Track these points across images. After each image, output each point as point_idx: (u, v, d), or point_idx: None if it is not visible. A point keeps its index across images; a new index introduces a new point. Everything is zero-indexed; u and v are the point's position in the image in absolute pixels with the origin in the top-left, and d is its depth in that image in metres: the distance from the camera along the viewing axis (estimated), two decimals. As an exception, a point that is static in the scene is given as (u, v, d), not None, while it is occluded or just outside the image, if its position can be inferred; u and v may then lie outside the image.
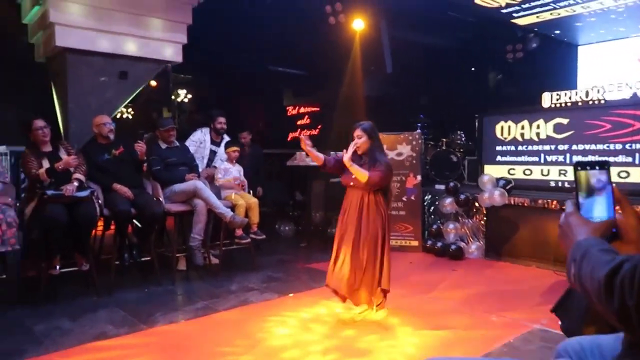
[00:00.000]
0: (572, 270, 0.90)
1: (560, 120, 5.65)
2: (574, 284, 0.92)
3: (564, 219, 1.01)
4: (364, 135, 3.41)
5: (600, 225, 0.96)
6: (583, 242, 0.92)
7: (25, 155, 3.96)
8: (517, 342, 3.08)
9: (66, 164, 3.88)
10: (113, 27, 5.34)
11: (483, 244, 5.52)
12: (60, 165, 3.85)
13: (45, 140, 4.04)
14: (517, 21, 6.91)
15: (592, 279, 0.83)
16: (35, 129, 3.98)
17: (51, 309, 3.64)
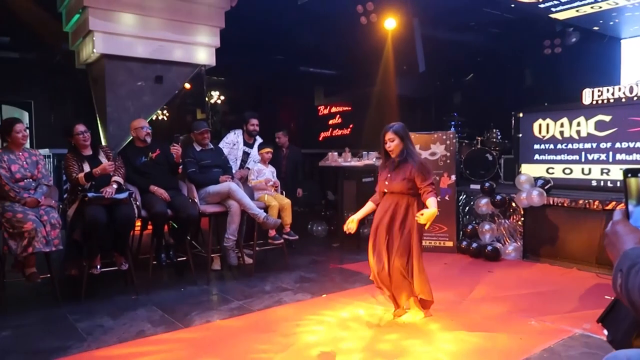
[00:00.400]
0: (619, 281, 0.87)
1: (602, 117, 5.44)
2: (619, 295, 0.88)
3: (610, 227, 0.97)
4: (396, 137, 3.35)
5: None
6: (631, 253, 0.88)
7: (67, 159, 4.11)
8: (557, 347, 2.99)
9: (102, 170, 4.00)
10: (149, 33, 5.46)
11: (521, 244, 5.37)
12: (97, 171, 3.98)
13: (86, 144, 4.17)
14: (555, 16, 6.69)
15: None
16: (76, 133, 4.12)
17: (93, 307, 3.76)
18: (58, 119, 8.59)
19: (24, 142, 3.93)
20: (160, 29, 5.53)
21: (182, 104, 7.96)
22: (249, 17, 6.76)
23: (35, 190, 3.83)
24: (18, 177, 3.77)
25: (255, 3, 6.22)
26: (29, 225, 3.55)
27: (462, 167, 6.95)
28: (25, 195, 3.74)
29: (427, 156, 5.78)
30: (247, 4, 6.16)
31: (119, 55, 5.36)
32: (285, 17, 6.97)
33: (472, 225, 5.69)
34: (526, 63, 8.81)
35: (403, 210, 3.34)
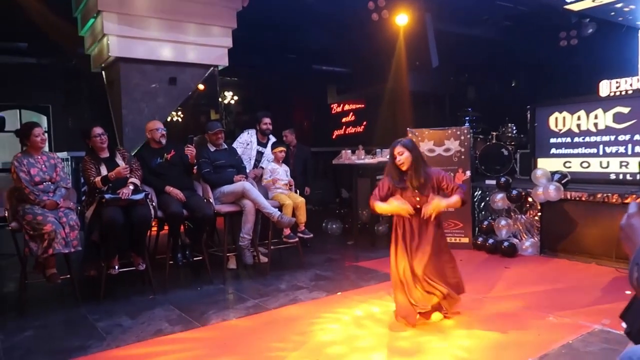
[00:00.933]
0: (635, 275, 0.85)
1: (620, 109, 5.35)
2: (636, 289, 0.87)
3: (626, 221, 0.95)
4: (405, 151, 3.31)
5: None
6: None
7: (85, 162, 4.17)
8: (576, 343, 2.95)
9: (117, 173, 4.05)
10: (162, 35, 5.52)
11: (538, 240, 5.31)
12: (112, 174, 4.03)
13: (103, 146, 4.23)
14: (571, 7, 6.58)
15: None
16: (94, 135, 4.18)
17: (111, 307, 3.82)
18: (75, 122, 8.74)
19: (42, 145, 4.00)
20: (173, 31, 5.58)
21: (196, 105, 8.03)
22: (261, 17, 6.79)
23: (54, 193, 3.91)
24: (37, 180, 3.84)
25: (266, 2, 6.24)
26: (49, 227, 3.62)
27: (477, 163, 6.89)
28: (44, 197, 3.82)
29: (441, 152, 5.74)
30: (259, 4, 6.19)
31: (133, 58, 5.43)
32: (297, 16, 6.99)
33: (487, 221, 5.64)
34: (541, 56, 8.69)
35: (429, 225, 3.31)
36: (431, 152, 5.79)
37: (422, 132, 5.86)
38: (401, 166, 3.32)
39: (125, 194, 3.96)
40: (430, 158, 5.79)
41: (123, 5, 5.28)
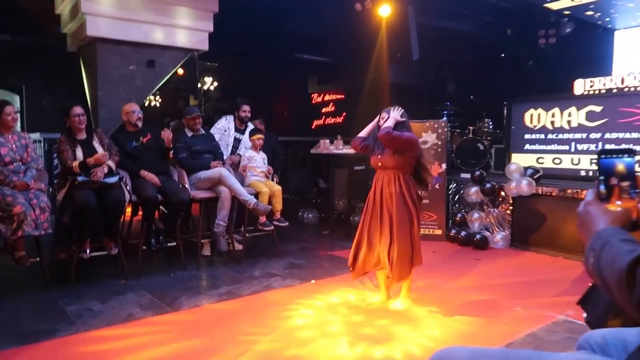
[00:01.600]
0: (591, 260, 0.89)
1: (593, 107, 5.48)
2: (592, 274, 0.90)
3: (583, 208, 0.99)
4: (387, 116, 3.39)
5: (620, 214, 0.94)
6: (603, 232, 0.90)
7: (60, 143, 4.08)
8: (540, 332, 3.04)
9: (96, 160, 3.99)
10: (141, 16, 5.41)
11: (509, 233, 5.43)
12: (90, 160, 3.97)
13: (81, 127, 4.16)
14: (550, 5, 6.69)
15: (612, 269, 0.81)
16: (73, 115, 4.10)
17: (82, 291, 3.77)
18: (49, 103, 8.52)
19: (13, 124, 3.91)
20: (153, 13, 5.48)
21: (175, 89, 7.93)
22: (243, 2, 6.71)
23: (24, 174, 3.83)
24: (7, 160, 3.76)
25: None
26: (18, 209, 3.54)
27: (454, 156, 6.98)
28: (14, 178, 3.73)
29: (418, 145, 5.80)
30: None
31: (110, 39, 5.31)
32: (280, 3, 6.93)
33: (461, 214, 5.74)
34: (520, 53, 8.81)
35: (400, 186, 3.34)
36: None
37: (401, 124, 5.90)
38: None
39: (98, 175, 3.90)
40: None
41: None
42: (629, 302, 0.77)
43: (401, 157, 3.35)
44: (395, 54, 7.43)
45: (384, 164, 3.40)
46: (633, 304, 0.76)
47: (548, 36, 8.04)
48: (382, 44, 7.34)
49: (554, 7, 6.78)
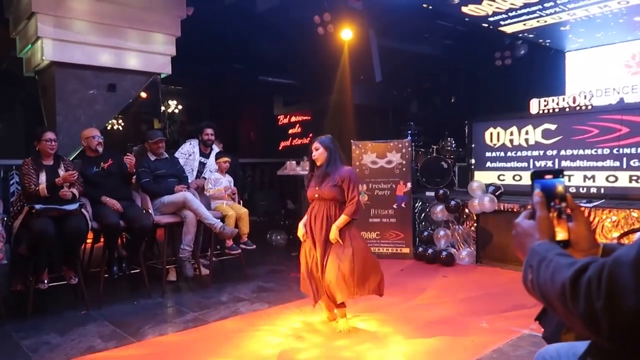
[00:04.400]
0: (529, 277, 0.90)
1: (548, 126, 5.69)
2: (531, 291, 0.92)
3: (516, 229, 1.02)
4: (321, 147, 3.49)
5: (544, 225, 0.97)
6: (538, 248, 0.93)
7: (25, 166, 3.94)
8: (506, 347, 3.09)
9: (64, 179, 3.89)
10: (101, 40, 5.35)
11: (474, 250, 5.53)
12: (59, 180, 3.86)
13: (51, 153, 4.08)
14: (504, 29, 6.98)
15: (554, 284, 0.81)
16: (45, 139, 4.02)
17: (39, 324, 3.61)
18: (5, 128, 8.25)
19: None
20: (113, 36, 5.43)
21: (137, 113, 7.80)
22: (206, 26, 6.74)
23: (-24, 203, 3.67)
24: (-42, 189, 3.60)
25: (212, 12, 6.21)
26: (-30, 240, 3.38)
27: (419, 175, 7.11)
28: (-35, 208, 3.58)
29: (383, 164, 5.89)
30: (204, 13, 6.14)
31: (69, 63, 5.22)
32: (243, 26, 6.99)
33: (427, 232, 5.82)
34: (479, 74, 9.14)
35: (335, 216, 3.39)
36: (374, 164, 5.92)
37: (366, 145, 5.98)
38: (316, 161, 3.52)
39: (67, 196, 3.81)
40: (373, 170, 5.93)
41: (59, 7, 5.08)
42: (575, 314, 0.77)
43: (339, 188, 3.41)
44: (358, 76, 7.58)
45: (321, 195, 3.45)
46: (578, 315, 0.76)
47: (504, 58, 8.38)
48: (345, 66, 7.47)
49: (508, 31, 7.08)
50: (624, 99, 6.99)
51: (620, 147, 5.14)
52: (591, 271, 0.76)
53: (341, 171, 3.42)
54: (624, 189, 5.09)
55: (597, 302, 0.73)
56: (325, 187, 3.42)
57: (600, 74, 7.87)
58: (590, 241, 0.99)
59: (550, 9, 6.03)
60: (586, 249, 0.98)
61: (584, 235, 0.98)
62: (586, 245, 0.98)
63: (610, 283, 0.73)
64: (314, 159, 3.52)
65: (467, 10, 6.20)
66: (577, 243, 0.98)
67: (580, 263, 0.80)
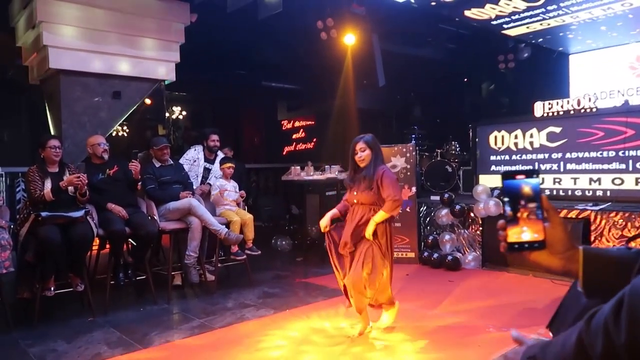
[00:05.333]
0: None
1: (553, 129, 5.68)
2: None
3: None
4: (367, 148, 3.36)
5: None
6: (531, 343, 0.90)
7: (30, 173, 3.97)
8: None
9: (69, 182, 3.91)
10: (106, 47, 5.39)
11: (480, 254, 5.51)
12: (64, 183, 3.89)
13: (56, 160, 4.10)
14: (507, 32, 6.98)
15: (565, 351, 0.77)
16: (49, 147, 4.05)
17: (46, 331, 3.62)
18: (10, 136, 8.29)
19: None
20: (117, 44, 5.46)
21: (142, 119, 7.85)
22: (210, 33, 6.77)
23: (-17, 211, 3.69)
24: (-35, 197, 3.62)
25: (215, 18, 6.23)
26: (-23, 248, 3.40)
27: (423, 179, 7.09)
28: (-28, 216, 3.60)
29: (388, 169, 5.87)
30: (207, 20, 6.17)
31: (74, 71, 5.26)
32: (246, 33, 7.01)
33: (433, 236, 5.80)
34: (482, 77, 9.14)
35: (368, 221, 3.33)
36: (378, 169, 5.91)
37: (370, 149, 5.98)
38: (360, 162, 3.37)
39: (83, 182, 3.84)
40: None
41: (64, 16, 5.11)
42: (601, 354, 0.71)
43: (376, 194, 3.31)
44: (361, 81, 7.59)
45: (360, 200, 3.38)
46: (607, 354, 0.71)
47: (507, 61, 8.37)
48: (349, 71, 7.48)
49: (512, 34, 7.07)
50: (628, 101, 6.97)
51: (625, 149, 5.12)
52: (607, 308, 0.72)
53: (376, 172, 3.30)
54: (630, 191, 5.06)
55: (618, 340, 0.68)
56: (364, 192, 3.33)
57: (604, 76, 7.85)
58: (566, 243, 0.96)
59: (553, 11, 6.02)
60: (562, 251, 0.95)
61: (559, 237, 0.95)
62: (561, 247, 0.95)
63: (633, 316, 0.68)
64: (358, 160, 3.37)
65: (470, 14, 6.21)
66: (552, 245, 0.95)
67: (587, 316, 0.75)
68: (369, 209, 3.33)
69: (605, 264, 0.94)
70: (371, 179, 3.31)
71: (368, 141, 3.38)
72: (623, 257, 0.94)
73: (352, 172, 3.47)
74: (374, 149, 3.37)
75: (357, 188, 3.39)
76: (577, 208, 4.89)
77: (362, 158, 3.35)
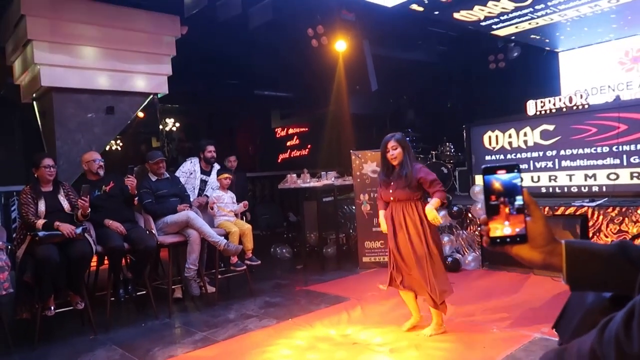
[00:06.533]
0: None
1: (546, 127, 5.71)
2: None
3: None
4: (399, 146, 3.44)
5: None
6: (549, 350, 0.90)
7: (24, 195, 3.94)
8: (519, 353, 3.07)
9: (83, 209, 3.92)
10: (97, 64, 5.39)
11: (479, 254, 5.52)
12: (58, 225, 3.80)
13: (50, 179, 4.06)
14: (497, 32, 7.03)
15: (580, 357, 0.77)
16: (43, 166, 4.01)
17: (48, 352, 3.58)
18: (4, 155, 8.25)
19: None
20: (109, 59, 5.46)
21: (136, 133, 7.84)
22: (201, 44, 6.78)
23: (-21, 232, 3.66)
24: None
25: (206, 30, 6.25)
26: (-25, 270, 3.37)
27: (419, 182, 7.09)
28: (-31, 238, 3.56)
29: (384, 173, 5.88)
30: (198, 32, 6.18)
31: (66, 88, 5.24)
32: (237, 43, 7.02)
33: (432, 238, 5.79)
34: (474, 78, 9.18)
35: (412, 215, 3.42)
36: (374, 173, 5.91)
37: (365, 154, 5.99)
38: (393, 160, 3.44)
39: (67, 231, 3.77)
40: (373, 179, 5.93)
41: (55, 33, 5.11)
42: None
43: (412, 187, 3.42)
44: (354, 86, 7.61)
45: (396, 197, 3.47)
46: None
47: (498, 61, 8.43)
48: (341, 77, 7.50)
49: (501, 34, 7.13)
50: (620, 96, 7.03)
51: (619, 144, 5.16)
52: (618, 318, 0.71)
53: (414, 170, 3.40)
54: (625, 186, 5.09)
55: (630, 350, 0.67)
56: (400, 189, 3.42)
57: (594, 72, 7.92)
58: (547, 237, 0.96)
59: (541, 10, 6.07)
60: (543, 245, 0.95)
61: (540, 231, 0.95)
62: (542, 241, 0.95)
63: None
64: (390, 158, 3.45)
65: (459, 16, 6.25)
66: (534, 239, 0.95)
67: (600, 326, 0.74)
68: (406, 204, 3.45)
69: (588, 257, 0.95)
70: (409, 178, 3.39)
71: (399, 139, 3.47)
72: (605, 250, 0.95)
73: (385, 170, 3.55)
74: (405, 147, 3.46)
75: (394, 186, 3.46)
76: (574, 205, 4.91)
77: (394, 156, 3.44)
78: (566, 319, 1.60)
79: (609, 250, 0.95)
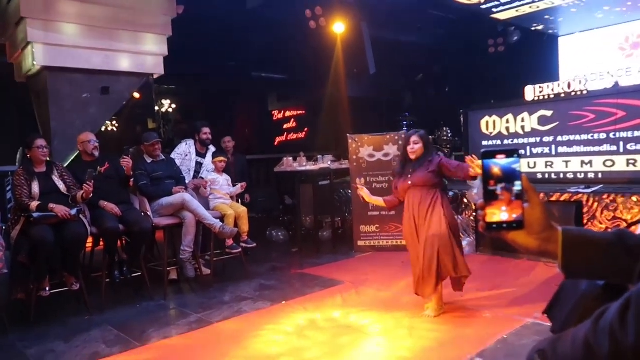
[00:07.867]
0: None
1: (544, 112, 5.69)
2: None
3: None
4: (421, 142, 3.51)
5: None
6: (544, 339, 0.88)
7: (17, 176, 3.92)
8: (511, 337, 3.10)
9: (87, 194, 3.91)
10: (93, 43, 5.31)
11: (474, 239, 5.54)
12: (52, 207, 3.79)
13: (43, 159, 4.04)
14: (497, 16, 6.95)
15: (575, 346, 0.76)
16: (36, 147, 3.99)
17: (43, 332, 3.60)
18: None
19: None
20: (104, 39, 5.38)
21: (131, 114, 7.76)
22: (197, 24, 6.68)
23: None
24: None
25: (203, 9, 6.16)
26: (-31, 250, 3.36)
27: (416, 166, 7.09)
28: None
29: (380, 157, 5.87)
30: (195, 11, 6.09)
31: (61, 67, 5.18)
32: (235, 23, 6.94)
33: (427, 223, 5.81)
34: (472, 62, 9.11)
35: (430, 201, 3.47)
36: (371, 158, 5.91)
37: (362, 138, 5.97)
38: (412, 154, 3.52)
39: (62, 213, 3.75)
40: (370, 163, 5.92)
41: (49, 11, 5.02)
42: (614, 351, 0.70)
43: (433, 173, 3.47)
44: (352, 69, 7.55)
45: (415, 183, 3.50)
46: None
47: (497, 45, 8.35)
48: (339, 59, 7.43)
49: (501, 18, 7.05)
50: (618, 82, 6.98)
51: (616, 131, 5.14)
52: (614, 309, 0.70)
53: (434, 159, 3.48)
54: (621, 172, 5.10)
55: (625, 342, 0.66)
56: (417, 175, 3.47)
57: (594, 58, 7.86)
58: (544, 224, 0.95)
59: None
60: (539, 232, 0.95)
61: (538, 217, 0.94)
62: (539, 227, 0.94)
63: None
64: (410, 152, 3.52)
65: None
66: (531, 225, 0.94)
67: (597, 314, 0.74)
68: (423, 190, 3.49)
69: (585, 245, 0.94)
70: (428, 165, 3.46)
71: (422, 135, 3.56)
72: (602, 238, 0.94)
73: (403, 161, 3.64)
74: (426, 144, 3.55)
75: (412, 172, 3.51)
76: (569, 191, 4.92)
77: (414, 150, 3.52)
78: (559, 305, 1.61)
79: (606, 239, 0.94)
